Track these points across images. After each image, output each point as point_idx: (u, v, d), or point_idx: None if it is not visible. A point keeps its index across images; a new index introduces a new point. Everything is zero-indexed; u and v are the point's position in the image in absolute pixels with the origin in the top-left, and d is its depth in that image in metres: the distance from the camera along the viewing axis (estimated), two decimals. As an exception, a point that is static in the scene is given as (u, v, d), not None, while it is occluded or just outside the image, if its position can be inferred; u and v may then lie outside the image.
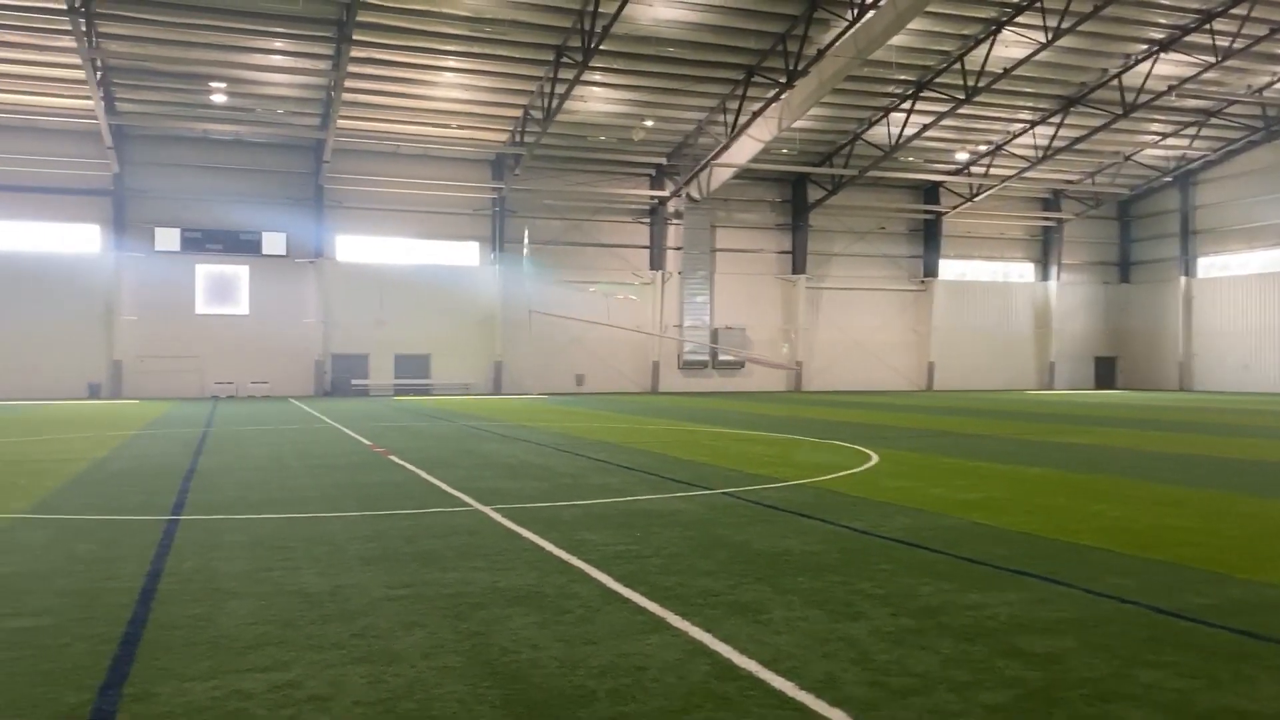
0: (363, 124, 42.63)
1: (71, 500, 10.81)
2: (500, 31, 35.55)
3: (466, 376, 48.09)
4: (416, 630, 5.55)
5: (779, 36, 37.55)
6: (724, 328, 52.25)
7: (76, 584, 6.72)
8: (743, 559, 7.55)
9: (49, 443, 18.62)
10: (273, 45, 36.44)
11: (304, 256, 45.53)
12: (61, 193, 42.30)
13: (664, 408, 33.44)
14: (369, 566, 7.28)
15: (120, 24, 34.07)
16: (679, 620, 5.74)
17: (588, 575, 6.96)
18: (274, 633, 5.51)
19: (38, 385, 41.45)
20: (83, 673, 4.81)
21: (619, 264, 50.66)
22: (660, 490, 11.58)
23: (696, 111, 44.30)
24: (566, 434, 20.75)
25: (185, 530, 8.90)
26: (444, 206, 47.64)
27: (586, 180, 49.21)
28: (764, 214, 53.45)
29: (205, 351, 44.08)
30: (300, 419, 26.58)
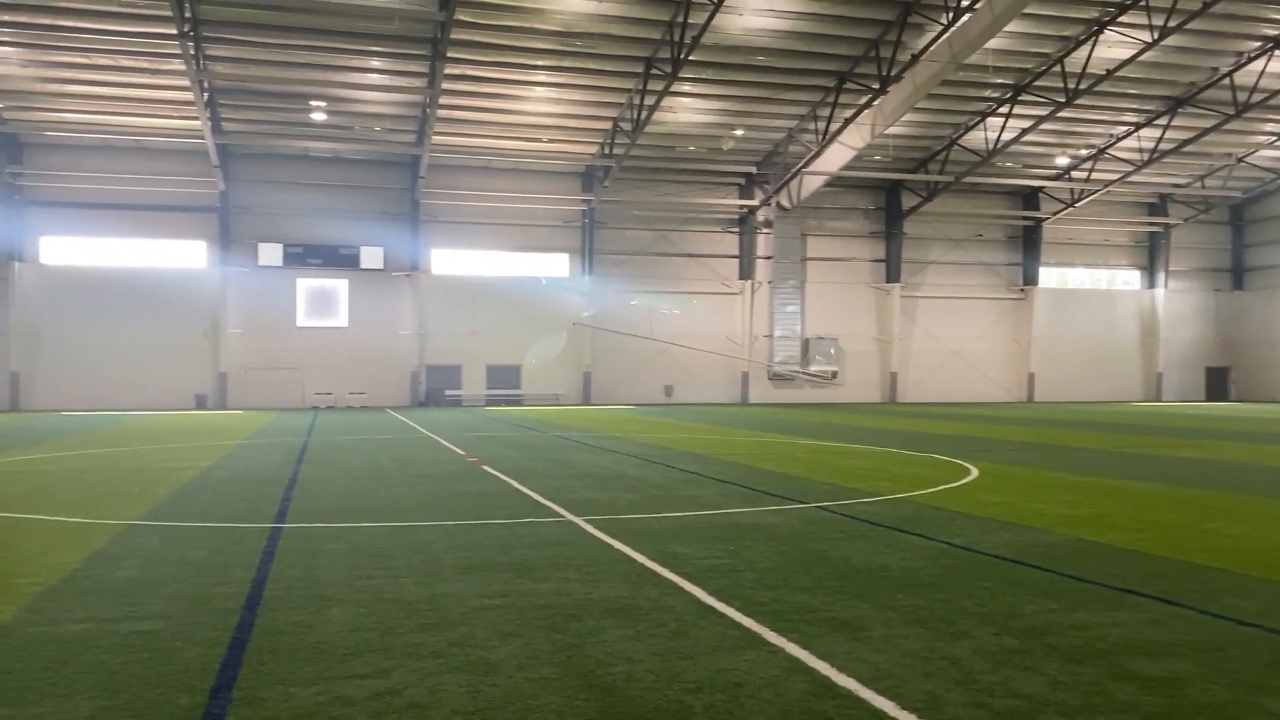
0: (456, 139, 43.46)
1: (182, 507, 11.20)
2: (590, 45, 35.89)
3: (556, 387, 48.52)
4: (512, 640, 5.58)
5: (871, 42, 37.12)
6: (815, 338, 51.71)
7: (187, 589, 6.94)
8: (839, 575, 7.42)
9: (159, 452, 19.36)
10: (370, 64, 37.44)
11: (400, 270, 46.57)
12: (171, 210, 44.10)
13: (754, 419, 33.21)
14: (465, 576, 7.36)
15: (226, 46, 35.41)
16: (775, 636, 5.66)
17: (681, 589, 6.91)
18: (374, 640, 5.60)
19: (148, 396, 43.23)
20: (194, 675, 4.96)
21: (707, 274, 50.59)
22: (753, 503, 11.47)
23: (787, 119, 44.04)
24: (656, 445, 20.75)
25: (288, 538, 9.13)
26: (535, 219, 48.24)
27: (675, 191, 49.30)
28: (857, 222, 52.79)
29: (306, 363, 45.41)
30: (396, 429, 27.14)
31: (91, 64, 36.07)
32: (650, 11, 34.39)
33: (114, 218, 43.53)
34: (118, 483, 13.76)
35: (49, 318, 42.80)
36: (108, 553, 8.32)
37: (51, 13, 32.54)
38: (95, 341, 42.97)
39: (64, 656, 5.28)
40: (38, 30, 33.79)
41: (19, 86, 38.03)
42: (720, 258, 50.91)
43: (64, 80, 37.54)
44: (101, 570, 7.58)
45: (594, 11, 33.86)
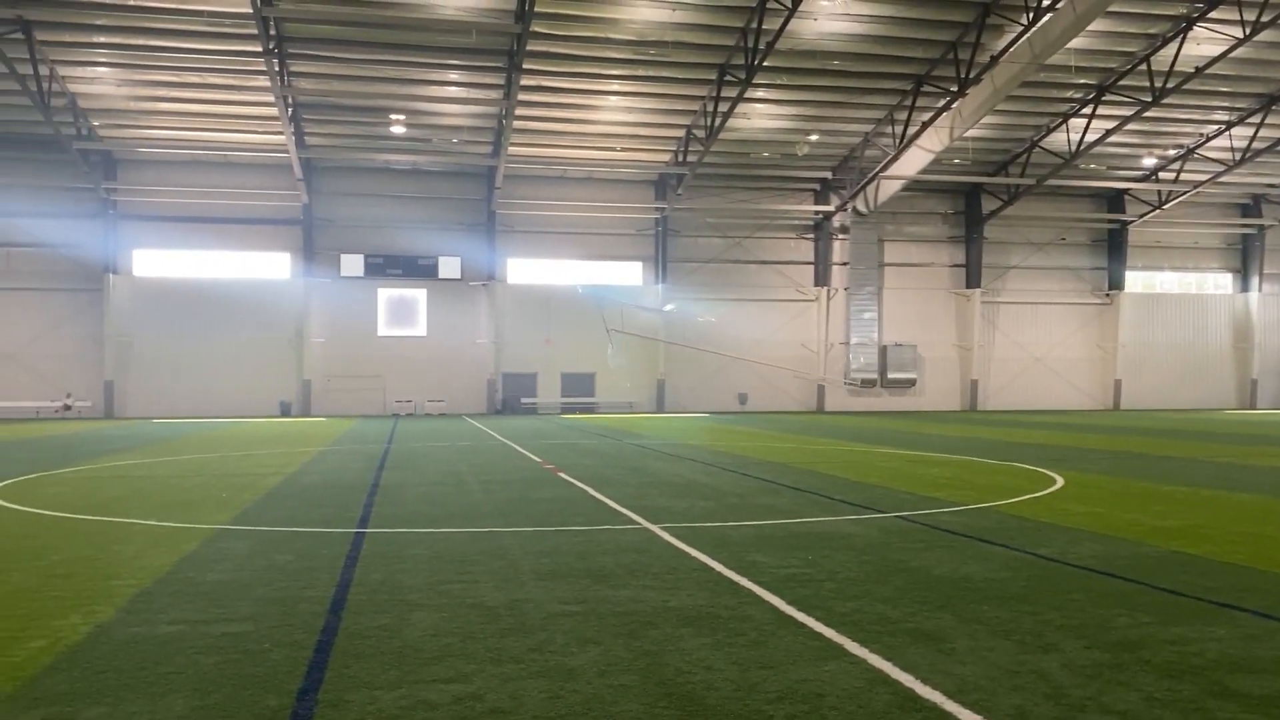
0: (531, 150, 43.93)
1: (268, 512, 11.48)
2: (664, 53, 35.99)
3: (630, 395, 48.64)
4: (591, 647, 5.59)
5: (949, 45, 36.57)
6: (893, 344, 50.99)
7: (275, 592, 7.10)
8: (921, 585, 7.29)
9: (246, 458, 19.88)
10: (448, 77, 38.06)
11: (477, 279, 47.20)
12: (256, 223, 45.37)
13: (831, 427, 32.87)
14: (543, 582, 7.40)
15: (309, 63, 36.36)
16: (857, 647, 5.58)
17: (760, 598, 6.86)
18: (456, 645, 5.66)
19: (235, 404, 44.48)
20: (282, 677, 5.06)
21: (782, 281, 50.28)
22: (831, 512, 11.34)
23: (863, 124, 43.60)
24: (731, 453, 20.65)
25: (371, 543, 9.29)
26: (608, 228, 48.49)
27: (749, 197, 49.12)
28: (935, 226, 51.99)
29: (386, 371, 46.28)
30: (474, 436, 27.48)
31: (181, 82, 37.33)
32: (724, 18, 34.37)
33: (202, 231, 44.94)
34: (207, 488, 14.17)
35: (141, 328, 44.33)
36: (199, 556, 8.56)
37: (144, 33, 33.76)
38: (184, 351, 44.37)
39: (158, 656, 5.44)
40: (131, 51, 35.11)
41: (113, 105, 39.53)
42: (795, 264, 50.57)
43: (155, 98, 38.92)
44: (193, 573, 7.81)
45: (668, 20, 33.96)
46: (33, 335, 43.58)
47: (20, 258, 43.56)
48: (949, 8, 34.52)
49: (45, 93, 35.41)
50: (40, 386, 43.44)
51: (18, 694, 4.78)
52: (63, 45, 34.69)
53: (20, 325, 43.47)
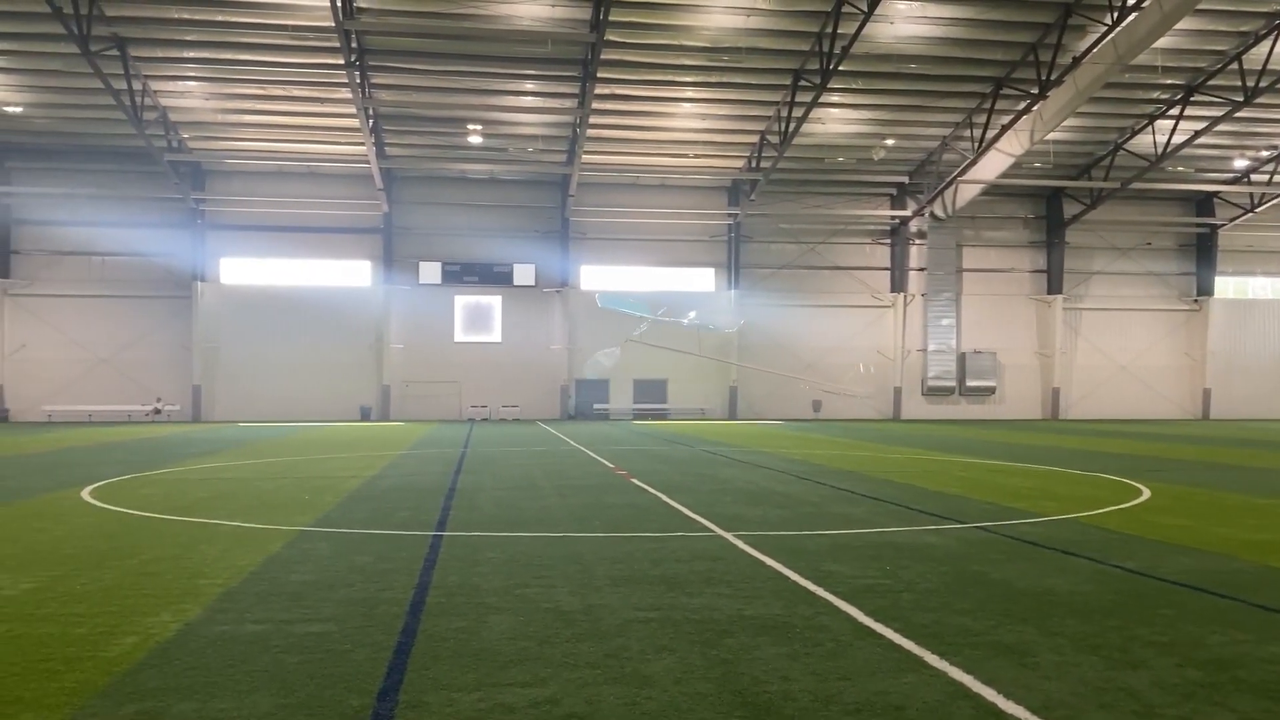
0: (605, 157, 44.20)
1: (349, 515, 11.70)
2: (738, 59, 35.92)
3: (702, 401, 48.56)
4: (666, 654, 5.58)
5: (1029, 46, 35.86)
6: (972, 351, 50.11)
7: (356, 594, 7.23)
8: (1003, 598, 7.13)
9: (328, 461, 20.32)
10: (523, 87, 38.52)
11: (551, 286, 47.62)
12: (338, 232, 46.43)
13: (907, 436, 32.39)
14: (618, 588, 7.42)
15: (389, 75, 37.11)
16: (937, 660, 5.48)
17: (836, 608, 6.77)
18: (532, 649, 5.70)
19: (317, 408, 45.54)
20: (363, 678, 5.15)
21: (857, 287, 49.77)
22: (909, 522, 11.16)
23: (940, 127, 42.96)
24: (805, 461, 20.47)
25: (448, 546, 9.41)
26: (681, 234, 48.52)
27: (824, 203, 48.74)
28: (1015, 231, 50.98)
29: (462, 377, 46.95)
30: (547, 441, 27.68)
31: (266, 95, 38.39)
32: (799, 23, 34.19)
33: (286, 239, 46.16)
34: (290, 490, 14.50)
35: (228, 334, 45.66)
36: (282, 557, 8.76)
37: (232, 48, 34.82)
38: (269, 356, 45.57)
39: (244, 655, 5.57)
40: (219, 65, 36.23)
41: (202, 118, 40.82)
42: (871, 270, 50.01)
43: (242, 111, 40.09)
44: (277, 573, 7.99)
45: (742, 26, 33.90)
46: (125, 341, 45.19)
47: (114, 266, 45.23)
48: (1029, 9, 33.85)
49: (138, 107, 36.74)
50: (132, 391, 45.00)
51: (111, 689, 4.94)
52: (155, 61, 35.95)
53: (114, 331, 45.12)
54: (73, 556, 8.72)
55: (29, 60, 35.84)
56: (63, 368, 44.87)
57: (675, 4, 32.84)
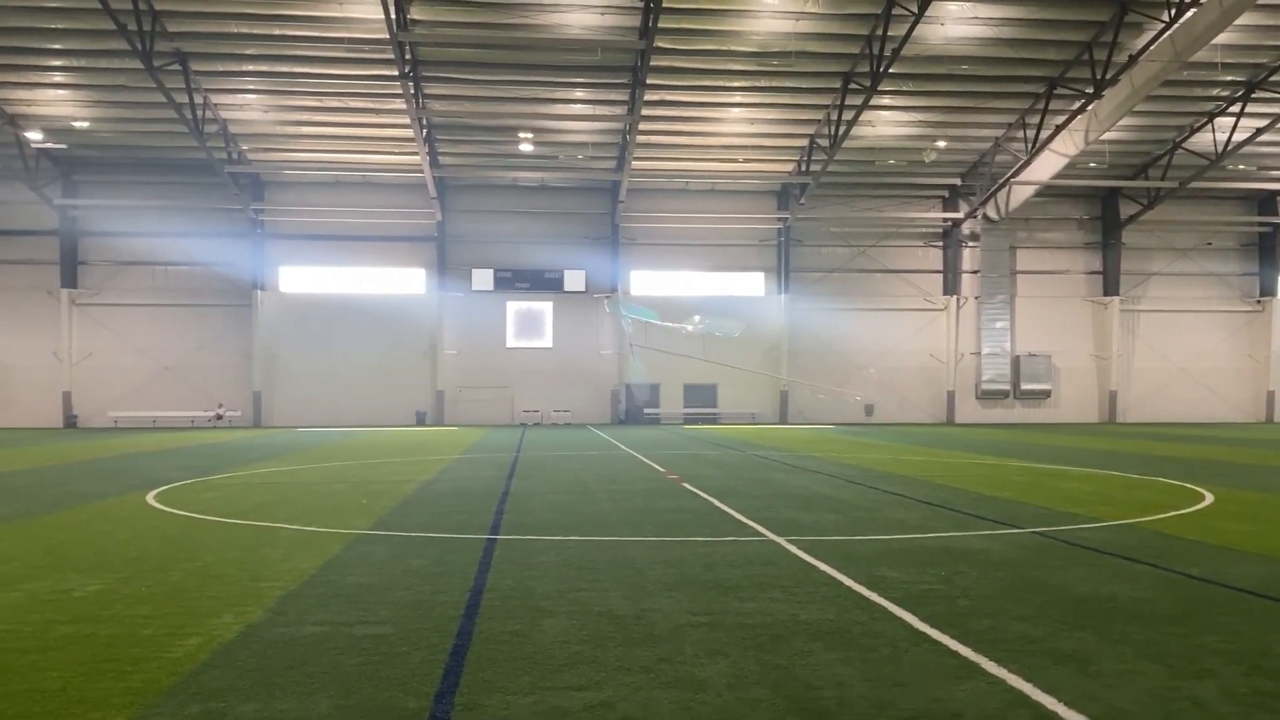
0: (654, 163, 44.28)
1: (405, 518, 11.86)
2: (787, 63, 35.80)
3: (753, 406, 48.39)
4: (720, 659, 5.58)
5: (1084, 45, 35.29)
6: (1027, 355, 49.35)
7: (412, 596, 7.33)
8: (1062, 604, 7.02)
9: (384, 466, 20.58)
10: (573, 95, 38.75)
11: (601, 292, 47.78)
12: (393, 240, 47.06)
13: (961, 440, 31.99)
14: (670, 592, 7.43)
15: (442, 85, 37.57)
16: (994, 666, 5.42)
17: (891, 613, 6.72)
18: (586, 652, 5.74)
19: (374, 413, 46.15)
20: (420, 680, 5.23)
21: (909, 290, 49.29)
22: (963, 527, 11.03)
23: (993, 129, 42.43)
24: (857, 465, 20.32)
25: (502, 549, 9.50)
26: (731, 239, 48.44)
27: (875, 205, 48.36)
28: (1070, 233, 50.14)
29: (514, 382, 47.30)
30: (599, 445, 27.77)
31: (323, 106, 39.05)
32: (848, 26, 34.00)
33: (343, 248, 46.88)
34: (347, 494, 14.72)
35: (287, 341, 46.47)
36: (341, 560, 8.91)
37: (289, 61, 35.49)
38: (326, 363, 46.30)
39: (305, 656, 5.68)
40: (277, 78, 36.94)
41: (261, 130, 41.63)
42: (923, 273, 49.50)
43: (299, 122, 40.81)
44: (336, 576, 8.13)
45: (791, 30, 33.78)
46: (188, 348, 46.18)
47: (177, 275, 46.27)
48: (1084, 7, 33.33)
49: (199, 120, 37.57)
50: (195, 397, 45.98)
51: (176, 689, 5.07)
52: (215, 75, 36.76)
53: (177, 339, 46.13)
54: (138, 559, 8.94)
55: (95, 76, 36.84)
56: (128, 375, 45.97)
57: (724, 9, 32.83)
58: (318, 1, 31.87)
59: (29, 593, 7.45)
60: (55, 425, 45.35)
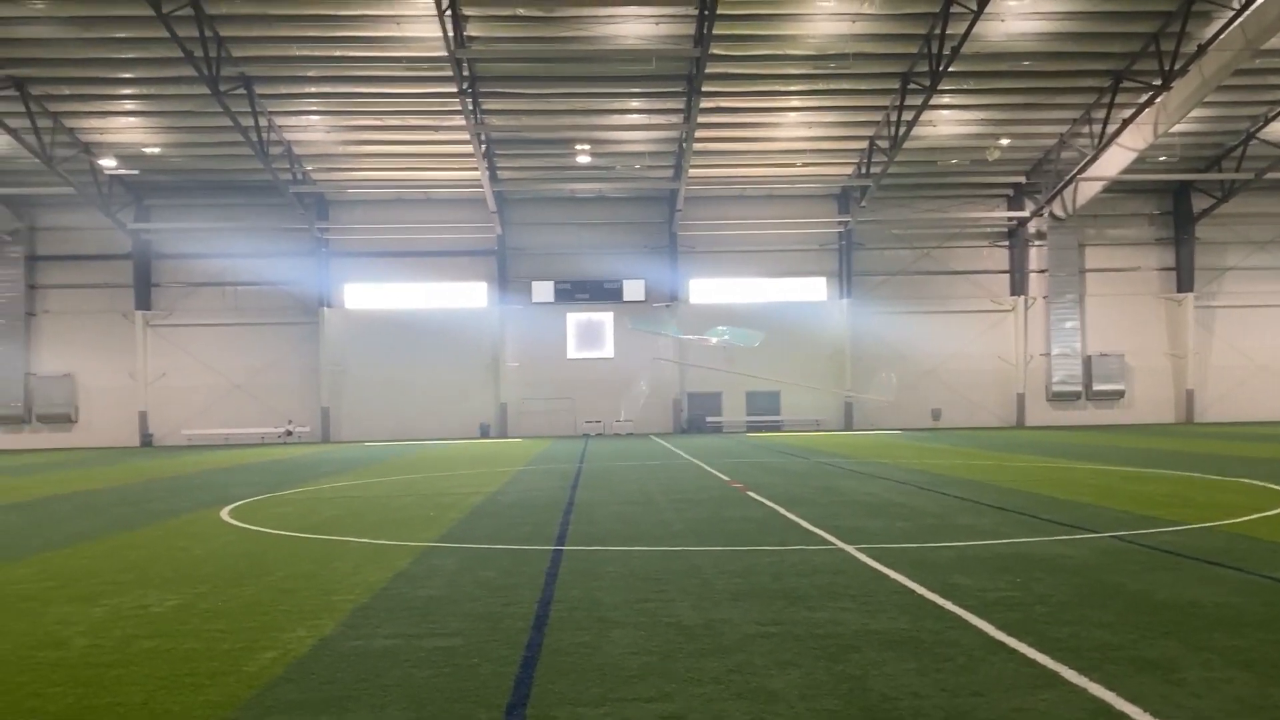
0: (711, 170, 44.23)
1: (472, 530, 11.94)
2: (844, 65, 35.51)
3: (816, 412, 47.97)
4: (791, 669, 5.51)
5: (1150, 37, 34.46)
6: (1098, 355, 48.26)
7: (481, 608, 7.37)
8: (1144, 610, 6.81)
9: (450, 478, 20.78)
10: (629, 105, 38.88)
11: (660, 301, 47.80)
12: (454, 255, 47.65)
13: (1032, 443, 31.36)
14: (738, 602, 7.36)
15: (499, 100, 37.97)
16: (1075, 675, 5.26)
17: (966, 621, 6.58)
18: (655, 663, 5.70)
19: (439, 427, 46.71)
20: (490, 692, 5.23)
21: (975, 291, 48.52)
22: (1038, 532, 10.78)
23: (1057, 125, 41.63)
24: (926, 471, 20.00)
25: (569, 560, 9.51)
26: (790, 244, 48.14)
27: (937, 206, 47.73)
28: (1140, 228, 48.94)
29: (576, 393, 47.47)
30: (662, 455, 27.74)
31: (383, 125, 39.72)
32: (906, 26, 33.64)
33: (405, 264, 47.60)
34: (415, 507, 14.89)
35: (353, 357, 47.26)
36: (410, 573, 8.99)
37: (350, 81, 36.18)
38: (392, 377, 46.97)
39: (377, 669, 5.73)
40: (339, 99, 37.68)
41: (325, 150, 42.48)
42: (989, 273, 48.71)
43: (361, 142, 41.57)
44: (406, 589, 8.20)
45: (848, 32, 33.51)
46: (258, 366, 47.21)
47: (246, 295, 47.36)
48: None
49: (264, 142, 38.45)
50: (265, 414, 46.95)
51: (253, 702, 5.14)
52: (279, 97, 37.60)
53: (247, 357, 47.19)
54: (214, 574, 9.13)
55: (164, 103, 37.92)
56: (200, 394, 47.12)
57: (779, 14, 32.69)
58: (377, 22, 32.42)
59: (111, 608, 7.64)
60: (132, 444, 46.64)
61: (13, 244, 46.29)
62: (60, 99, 37.16)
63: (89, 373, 47.27)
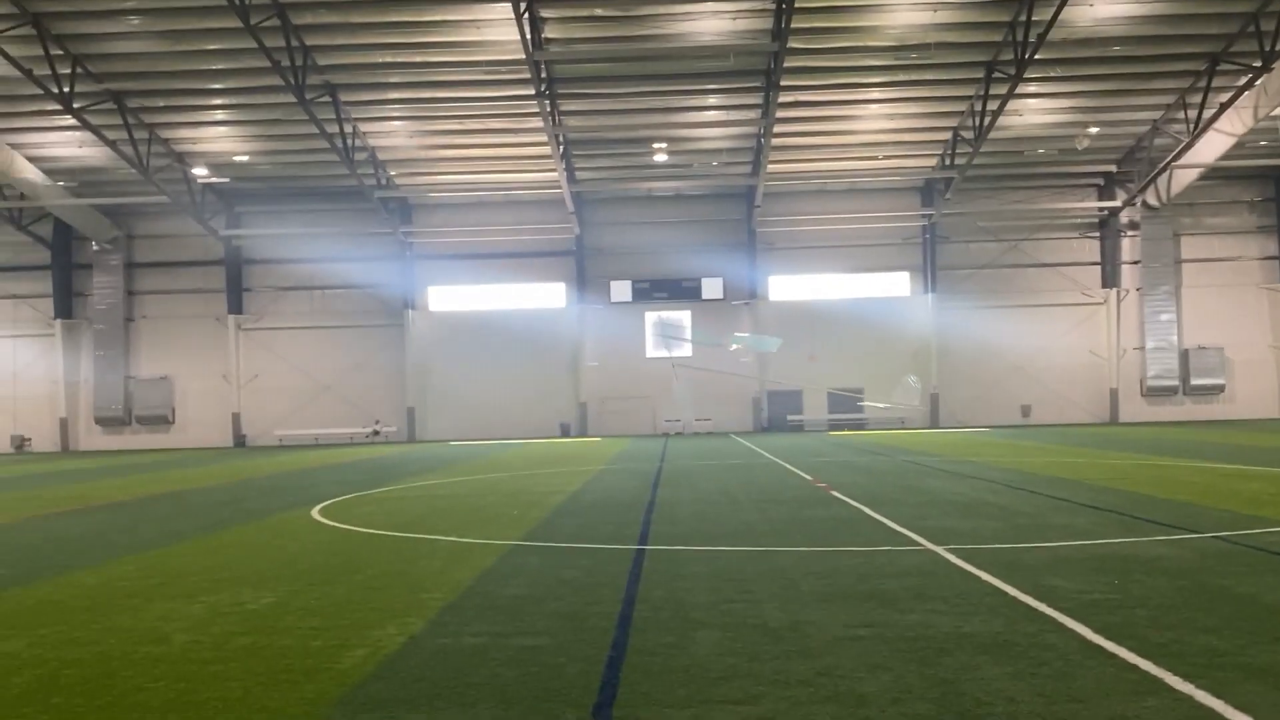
0: (790, 165, 43.83)
1: (555, 529, 12.02)
2: (926, 56, 34.85)
3: (900, 410, 47.20)
4: (881, 673, 5.40)
5: (1249, 16, 33.10)
6: (1196, 348, 46.58)
7: (566, 607, 7.40)
8: (1251, 614, 6.53)
9: (532, 478, 20.98)
10: (706, 102, 38.77)
11: (739, 298, 47.57)
12: (533, 256, 48.09)
13: (1127, 440, 30.40)
14: (825, 604, 7.26)
15: (577, 101, 38.17)
16: (1179, 682, 5.06)
17: (1062, 625, 6.39)
18: (741, 665, 5.65)
19: (521, 426, 47.21)
20: (577, 692, 5.24)
21: (1065, 284, 47.24)
22: (1135, 533, 10.43)
23: (1150, 111, 40.27)
24: (1016, 469, 19.53)
25: (651, 560, 9.50)
26: (872, 239, 47.47)
27: (1024, 197, 46.59)
28: (1241, 216, 47.11)
29: (654, 392, 47.50)
30: (742, 454, 27.59)
31: (464, 129, 40.28)
32: (989, 14, 32.89)
33: (486, 265, 48.22)
34: (499, 506, 15.05)
35: (437, 358, 48.05)
36: (496, 571, 9.08)
37: (431, 86, 36.78)
38: (475, 378, 47.61)
39: (465, 667, 5.78)
40: (420, 104, 38.32)
41: (407, 155, 43.26)
42: (1079, 265, 47.39)
43: (442, 146, 42.23)
44: (492, 587, 8.28)
45: (929, 21, 32.88)
46: (346, 368, 48.30)
47: (335, 298, 48.51)
48: (1249, -26, 31.30)
49: (350, 149, 39.29)
50: (352, 414, 48.02)
51: (346, 699, 5.23)
52: (363, 104, 38.40)
53: (335, 359, 48.32)
54: (306, 572, 9.34)
55: (253, 112, 39.04)
56: (291, 395, 48.39)
57: (858, 5, 32.21)
58: (457, 27, 32.87)
59: (210, 605, 7.86)
60: (227, 445, 48.13)
61: (112, 252, 48.12)
62: (155, 110, 38.50)
63: (185, 375, 48.91)
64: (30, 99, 35.98)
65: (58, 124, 38.26)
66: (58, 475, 26.93)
